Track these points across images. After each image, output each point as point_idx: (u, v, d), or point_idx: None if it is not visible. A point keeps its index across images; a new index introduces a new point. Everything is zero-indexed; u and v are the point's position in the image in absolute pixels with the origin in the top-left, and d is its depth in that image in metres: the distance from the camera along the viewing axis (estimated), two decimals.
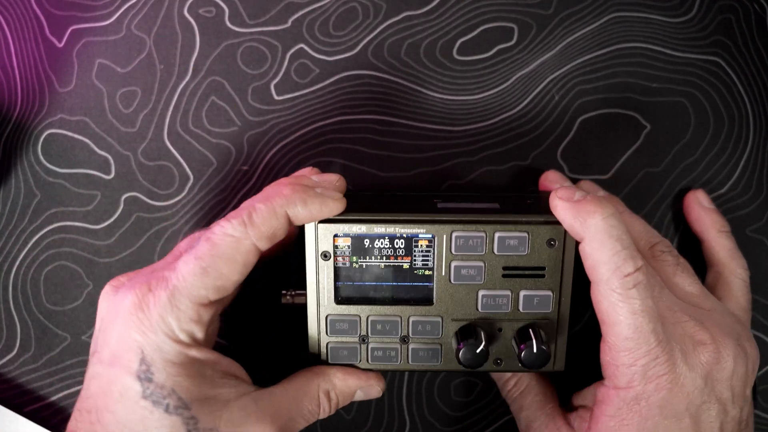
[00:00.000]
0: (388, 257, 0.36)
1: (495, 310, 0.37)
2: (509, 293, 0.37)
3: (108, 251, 0.44)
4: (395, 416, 0.45)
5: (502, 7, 0.44)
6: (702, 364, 0.34)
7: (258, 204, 0.34)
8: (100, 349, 0.34)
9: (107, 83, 0.44)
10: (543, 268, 0.36)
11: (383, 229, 0.36)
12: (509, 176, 0.44)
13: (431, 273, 0.37)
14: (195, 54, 0.44)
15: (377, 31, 0.44)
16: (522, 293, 0.37)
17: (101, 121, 0.44)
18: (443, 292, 0.37)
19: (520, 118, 0.44)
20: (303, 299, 0.38)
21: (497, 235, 0.36)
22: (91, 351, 0.35)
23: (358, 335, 0.38)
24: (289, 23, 0.44)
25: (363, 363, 0.38)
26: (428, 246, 0.36)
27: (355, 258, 0.36)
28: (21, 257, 0.44)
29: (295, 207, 0.34)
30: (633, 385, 0.33)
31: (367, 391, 0.39)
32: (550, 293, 0.37)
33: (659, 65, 0.44)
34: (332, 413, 0.38)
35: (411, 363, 0.38)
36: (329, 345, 0.38)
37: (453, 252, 0.36)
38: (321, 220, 0.36)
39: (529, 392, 0.40)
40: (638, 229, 0.40)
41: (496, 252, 0.36)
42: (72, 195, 0.44)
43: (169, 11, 0.43)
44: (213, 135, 0.44)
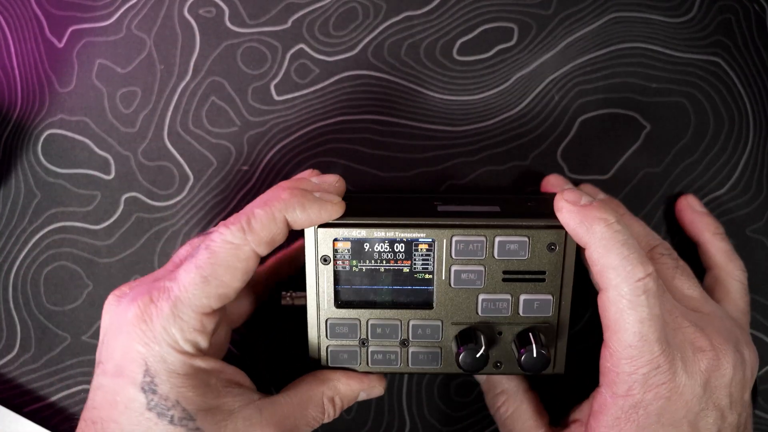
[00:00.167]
0: (388, 261, 0.36)
1: (495, 314, 0.37)
2: (509, 297, 0.36)
3: (108, 251, 0.44)
4: (395, 416, 0.45)
5: (502, 7, 0.44)
6: (701, 372, 0.34)
7: (257, 209, 0.34)
8: (105, 361, 0.34)
9: (107, 83, 0.44)
10: (543, 273, 0.36)
11: (383, 234, 0.36)
12: (509, 176, 0.44)
13: (431, 277, 0.36)
14: (195, 54, 0.44)
15: (377, 31, 0.44)
16: (522, 297, 0.36)
17: (101, 122, 0.44)
18: (443, 296, 0.37)
19: (520, 118, 0.44)
20: (303, 300, 0.38)
21: (497, 240, 0.36)
22: (96, 362, 0.35)
23: (358, 339, 0.38)
24: (289, 23, 0.44)
25: (363, 366, 0.38)
26: (428, 250, 0.36)
27: (355, 262, 0.36)
28: (21, 257, 0.44)
29: (294, 211, 0.34)
30: (632, 393, 0.33)
31: (370, 392, 0.39)
32: (551, 297, 0.36)
33: (659, 65, 0.44)
34: (336, 417, 0.38)
35: (411, 366, 0.38)
36: (329, 348, 0.38)
37: (453, 256, 0.36)
38: (320, 225, 0.36)
39: (519, 416, 0.40)
40: (638, 232, 0.40)
41: (497, 256, 0.36)
42: (72, 195, 0.44)
43: (169, 11, 0.43)
44: (213, 135, 0.44)
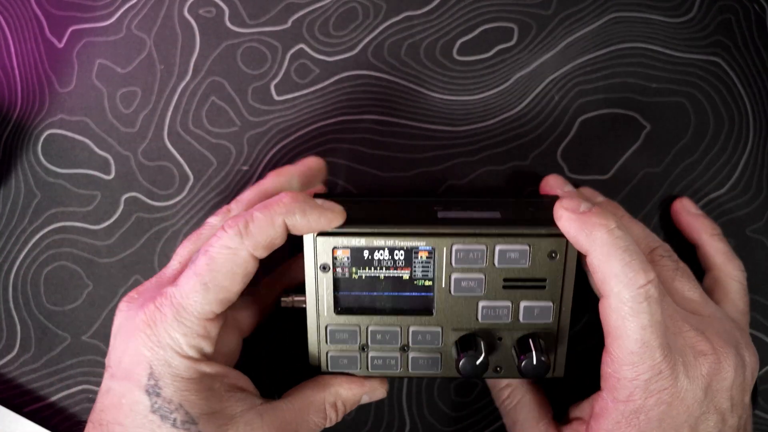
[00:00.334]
0: (388, 268, 0.36)
1: (495, 321, 0.37)
2: (509, 304, 0.36)
3: (108, 251, 0.44)
4: (395, 416, 0.45)
5: (502, 7, 0.44)
6: (703, 376, 0.33)
7: (256, 212, 0.34)
8: (113, 365, 0.35)
9: (107, 83, 0.44)
10: (544, 280, 0.36)
11: (382, 242, 0.36)
12: (509, 176, 0.44)
13: (431, 283, 0.36)
14: (195, 54, 0.44)
15: (377, 32, 0.44)
16: (522, 304, 0.36)
17: (101, 122, 0.44)
18: (443, 303, 0.37)
19: (520, 119, 0.44)
20: (303, 303, 0.38)
21: (498, 248, 0.35)
22: (105, 366, 0.36)
23: (358, 344, 0.37)
24: (289, 23, 0.44)
25: (363, 371, 0.38)
26: (428, 257, 0.36)
27: (355, 269, 0.36)
28: (21, 257, 0.44)
29: (294, 216, 0.34)
30: (633, 399, 0.33)
31: (372, 395, 0.39)
32: (551, 304, 0.36)
33: (659, 65, 0.44)
34: (339, 421, 0.38)
35: (411, 371, 0.38)
36: (329, 354, 0.38)
37: (453, 264, 0.36)
38: (320, 233, 0.36)
39: (523, 407, 0.40)
40: (638, 234, 0.40)
41: (497, 265, 0.36)
42: (72, 195, 0.44)
43: (169, 11, 0.43)
44: (213, 135, 0.44)
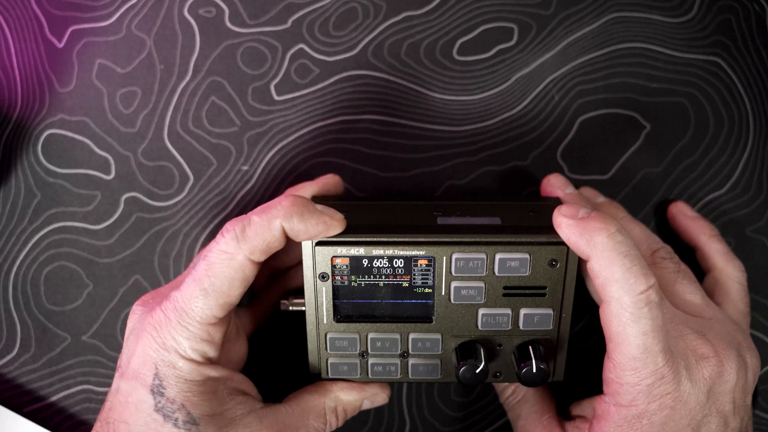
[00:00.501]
0: (387, 276, 0.36)
1: (495, 328, 0.37)
2: (509, 311, 0.36)
3: (108, 251, 0.44)
4: (395, 416, 0.45)
5: (502, 7, 0.44)
6: (705, 379, 0.33)
7: (254, 216, 0.34)
8: (123, 365, 0.35)
9: (107, 83, 0.44)
10: (544, 288, 0.36)
11: (382, 251, 0.36)
12: (509, 176, 0.44)
13: (431, 291, 0.36)
14: (195, 54, 0.44)
15: (377, 32, 0.44)
16: (522, 311, 0.36)
17: (101, 122, 0.44)
18: (443, 311, 0.36)
19: (520, 119, 0.44)
20: (301, 306, 0.38)
21: (498, 257, 0.35)
22: (117, 366, 0.36)
23: (358, 351, 0.37)
24: (289, 23, 0.44)
25: (363, 377, 0.38)
26: (428, 265, 0.36)
27: (354, 277, 0.36)
28: (21, 257, 0.44)
29: (292, 220, 0.33)
30: (636, 404, 0.33)
31: (373, 400, 0.39)
32: (551, 311, 0.36)
33: (659, 65, 0.44)
34: (340, 426, 0.38)
35: (411, 376, 0.38)
36: (329, 361, 0.38)
37: (453, 273, 0.36)
38: (318, 242, 0.35)
39: (526, 402, 0.40)
40: (639, 235, 0.40)
41: (497, 273, 0.36)
42: (72, 195, 0.44)
43: (169, 11, 0.43)
44: (213, 135, 0.44)
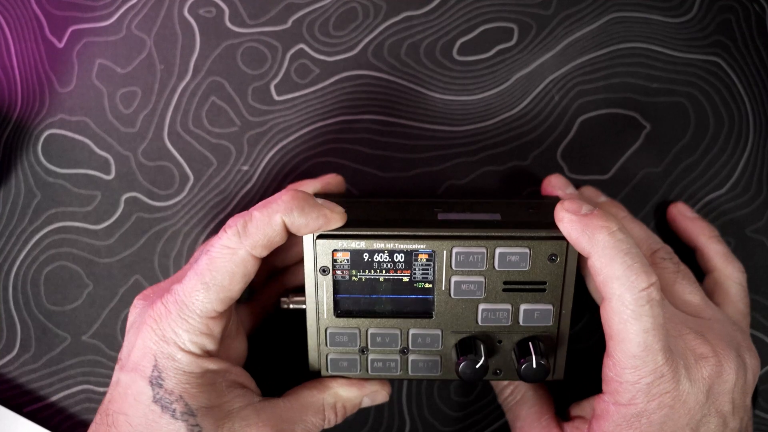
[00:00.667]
0: (388, 271, 0.36)
1: (495, 324, 0.37)
2: (509, 307, 0.36)
3: (108, 251, 0.44)
4: (395, 416, 0.45)
5: (502, 7, 0.44)
6: (704, 379, 0.33)
7: (255, 212, 0.34)
8: (124, 358, 0.36)
9: (107, 83, 0.44)
10: (544, 283, 0.36)
11: (382, 245, 0.36)
12: (509, 176, 0.44)
13: (431, 286, 0.36)
14: (195, 54, 0.44)
15: (377, 32, 0.44)
16: (522, 307, 0.36)
17: (101, 122, 0.44)
18: (443, 306, 0.37)
19: (520, 118, 0.44)
20: (302, 304, 0.38)
21: (498, 251, 0.35)
22: (118, 359, 0.36)
23: (358, 347, 0.37)
24: (289, 23, 0.44)
25: (363, 373, 0.38)
26: (428, 260, 0.36)
27: (355, 271, 0.36)
28: (21, 257, 0.44)
29: (292, 214, 0.34)
30: (635, 403, 0.33)
31: (373, 397, 0.39)
32: (551, 307, 0.36)
33: (659, 65, 0.44)
34: (339, 422, 0.38)
35: (411, 373, 0.38)
36: (329, 356, 0.38)
37: (453, 267, 0.36)
38: (319, 236, 0.35)
39: (525, 402, 0.40)
40: (639, 235, 0.40)
41: (497, 267, 0.36)
42: (72, 195, 0.44)
43: (169, 11, 0.43)
44: (213, 135, 0.44)
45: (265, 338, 0.44)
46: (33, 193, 0.44)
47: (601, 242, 0.33)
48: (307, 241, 0.36)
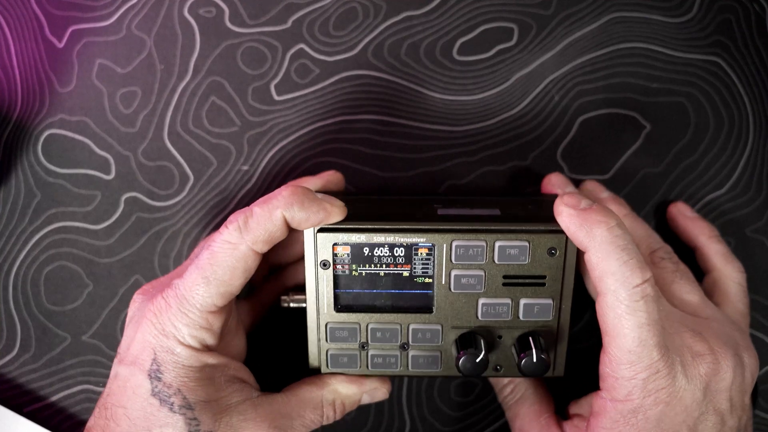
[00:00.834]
0: (388, 265, 0.36)
1: (495, 318, 0.37)
2: (509, 301, 0.36)
3: (108, 251, 0.44)
4: (395, 416, 0.45)
5: (502, 7, 0.44)
6: (701, 376, 0.34)
7: (255, 207, 0.34)
8: (123, 352, 0.36)
9: (107, 83, 0.44)
10: (544, 277, 0.36)
11: (383, 238, 0.36)
12: (509, 176, 0.44)
13: (431, 281, 0.36)
14: (195, 54, 0.44)
15: (377, 32, 0.44)
16: (522, 301, 0.36)
17: (101, 122, 0.44)
18: (443, 300, 0.37)
19: (520, 118, 0.44)
20: (302, 303, 0.38)
21: (497, 245, 0.35)
22: (117, 353, 0.36)
23: (358, 342, 0.38)
24: (289, 23, 0.44)
25: (363, 369, 0.38)
26: (428, 254, 0.36)
27: (355, 266, 0.36)
28: (21, 257, 0.44)
29: (293, 209, 0.34)
30: (632, 398, 0.33)
31: (373, 394, 0.39)
32: (551, 301, 0.36)
33: (659, 65, 0.44)
34: (338, 419, 0.38)
35: (411, 369, 0.38)
36: (329, 352, 0.38)
37: (453, 261, 0.36)
38: (320, 229, 0.36)
39: (525, 401, 0.40)
40: (640, 234, 0.40)
41: (497, 261, 0.36)
42: (72, 195, 0.44)
43: (169, 11, 0.44)
44: (213, 135, 0.44)
45: (266, 336, 0.44)
46: (33, 193, 0.44)
47: (599, 237, 0.33)
48: (308, 235, 0.36)
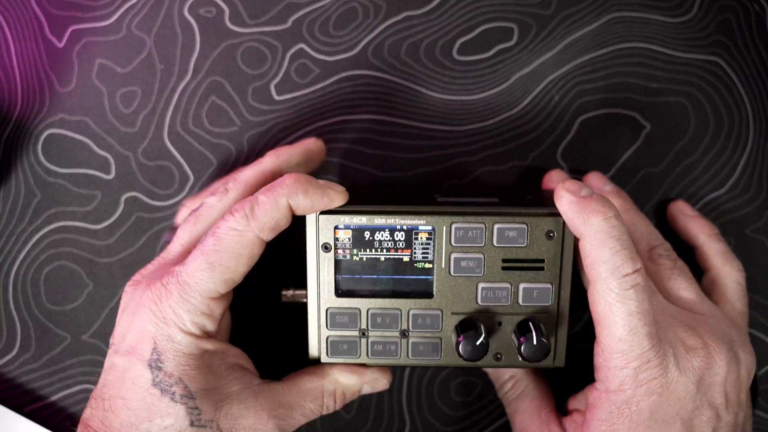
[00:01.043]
0: (389, 250, 0.37)
1: (495, 303, 0.37)
2: (509, 286, 0.37)
3: (108, 251, 0.44)
4: (395, 416, 0.45)
5: (502, 7, 0.44)
6: (694, 369, 0.34)
7: (261, 196, 0.35)
8: (118, 342, 0.35)
9: (107, 83, 0.44)
10: (542, 261, 0.36)
11: (384, 221, 0.36)
12: (509, 176, 0.44)
13: (431, 266, 0.37)
14: (195, 54, 0.44)
15: (377, 31, 0.44)
16: (522, 286, 0.37)
17: (101, 121, 0.44)
18: (443, 285, 0.37)
19: (520, 118, 0.44)
20: (303, 298, 0.38)
21: (496, 227, 0.36)
22: (110, 344, 0.36)
23: (358, 329, 0.38)
24: (289, 23, 0.44)
25: (363, 357, 0.38)
26: (428, 239, 0.36)
27: (356, 251, 0.37)
28: (21, 257, 0.44)
29: (297, 196, 0.34)
30: (624, 388, 0.33)
31: (374, 385, 0.39)
32: (550, 286, 0.37)
33: (659, 65, 0.44)
34: (338, 409, 0.38)
35: (411, 357, 0.38)
36: (329, 339, 0.38)
37: (453, 244, 0.36)
38: (322, 212, 0.36)
39: (525, 396, 0.40)
40: (641, 230, 0.40)
41: (496, 244, 0.36)
42: (72, 195, 0.44)
43: (169, 11, 0.44)
44: (213, 135, 0.44)
45: (265, 333, 0.44)
46: (33, 193, 0.44)
47: (595, 226, 0.33)
48: (310, 218, 0.36)
